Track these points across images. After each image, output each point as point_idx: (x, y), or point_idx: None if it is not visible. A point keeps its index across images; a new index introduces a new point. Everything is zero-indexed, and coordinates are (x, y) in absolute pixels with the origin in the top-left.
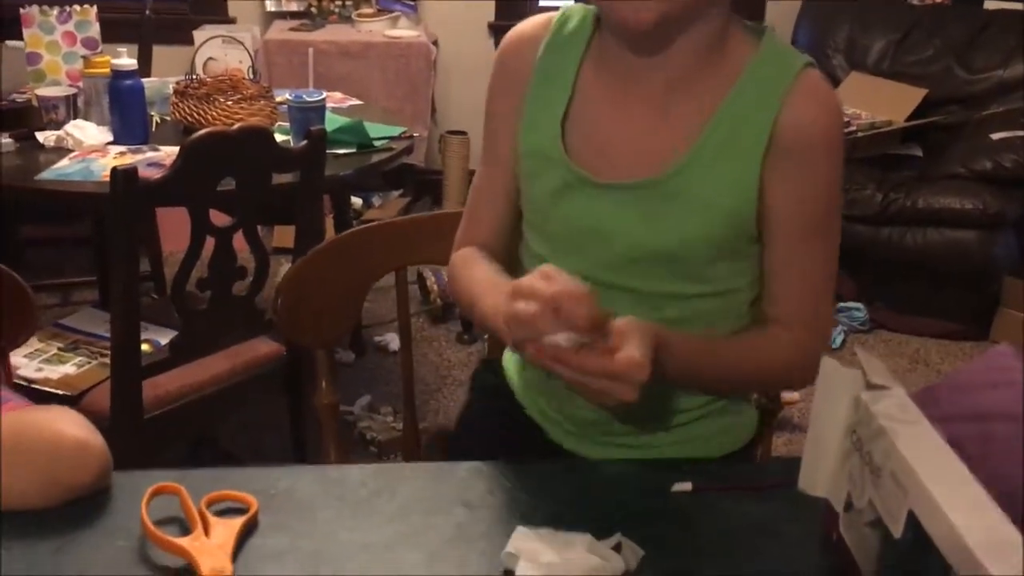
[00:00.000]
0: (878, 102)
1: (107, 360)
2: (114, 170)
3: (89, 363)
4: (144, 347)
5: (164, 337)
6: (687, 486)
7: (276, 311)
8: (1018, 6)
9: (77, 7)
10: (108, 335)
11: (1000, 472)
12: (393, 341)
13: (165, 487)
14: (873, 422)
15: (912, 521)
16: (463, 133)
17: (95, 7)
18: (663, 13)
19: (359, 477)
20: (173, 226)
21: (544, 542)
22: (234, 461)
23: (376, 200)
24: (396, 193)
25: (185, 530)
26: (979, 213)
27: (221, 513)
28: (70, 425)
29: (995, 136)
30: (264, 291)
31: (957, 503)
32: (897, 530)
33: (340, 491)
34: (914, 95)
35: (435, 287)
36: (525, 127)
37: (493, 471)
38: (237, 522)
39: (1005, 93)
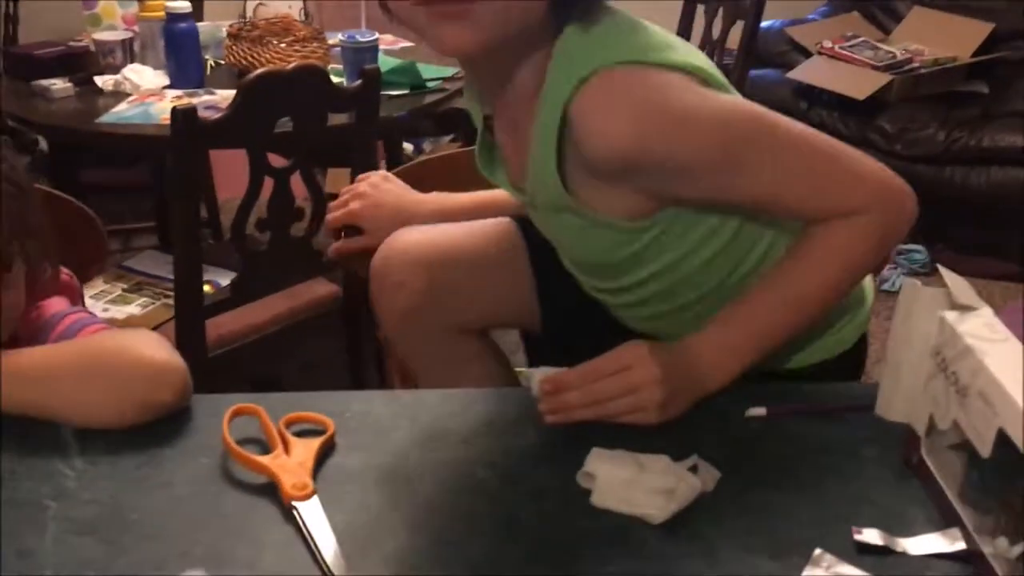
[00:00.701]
0: (942, 38)
1: (170, 301)
2: (174, 110)
3: (153, 303)
4: (206, 288)
5: (225, 278)
6: (761, 411)
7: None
8: None
9: None
10: (170, 276)
11: None
12: None
13: (245, 408)
14: (959, 342)
15: (1000, 441)
16: None
17: None
18: (479, 42)
19: (430, 400)
20: (227, 173)
21: (620, 462)
22: None
23: (427, 146)
24: (447, 138)
25: (265, 450)
26: None
27: (299, 434)
28: (150, 346)
29: None
30: (321, 232)
31: None
32: (986, 450)
33: (412, 413)
34: (980, 30)
35: None
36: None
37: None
38: (315, 442)
39: None
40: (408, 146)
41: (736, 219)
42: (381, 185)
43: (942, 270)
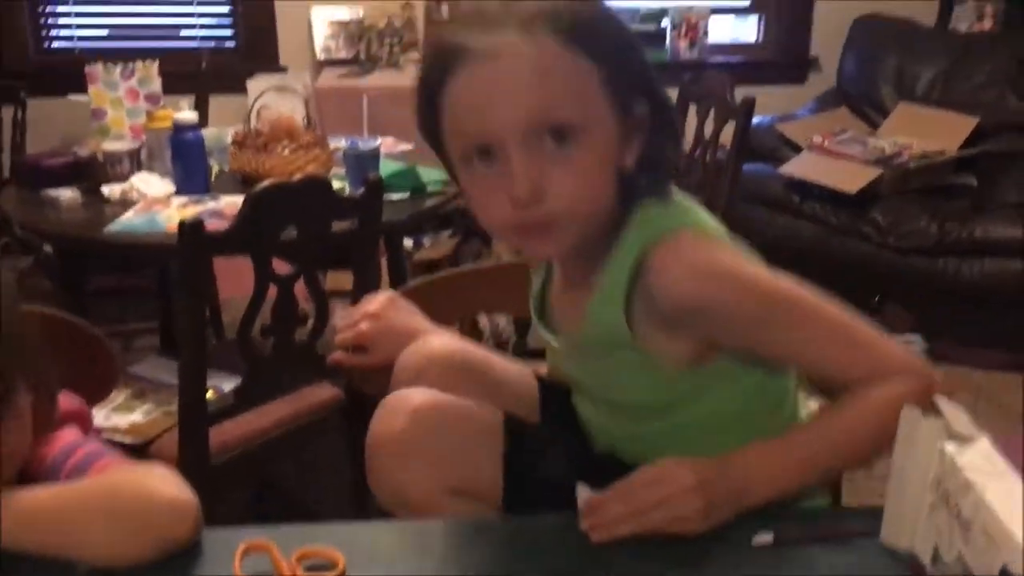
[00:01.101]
0: (929, 132)
1: (173, 408)
2: (182, 223)
3: (156, 410)
4: (208, 394)
5: (227, 383)
6: (768, 538)
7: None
8: None
9: (140, 63)
10: (173, 382)
11: None
12: None
13: (256, 544)
14: (960, 475)
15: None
16: None
17: (156, 63)
18: (567, 247)
19: (440, 530)
20: (229, 271)
21: None
22: (298, 505)
23: (426, 241)
24: (446, 233)
25: None
26: None
27: (309, 569)
28: (164, 482)
29: None
30: (324, 336)
31: None
32: None
33: (421, 544)
34: (965, 124)
35: (486, 328)
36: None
37: (575, 522)
38: None
39: None
40: (408, 241)
41: (778, 380)
42: (390, 309)
43: (939, 399)
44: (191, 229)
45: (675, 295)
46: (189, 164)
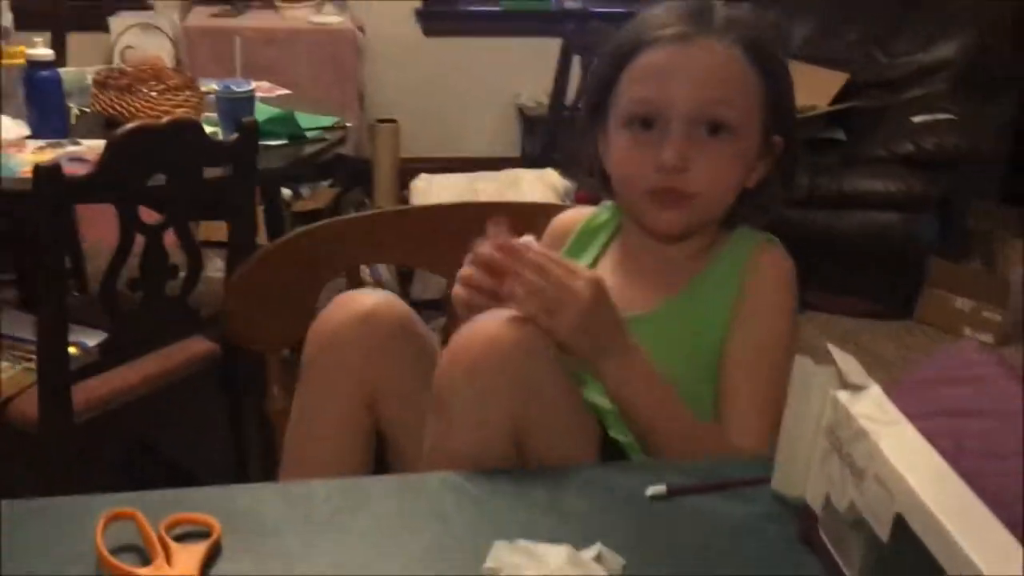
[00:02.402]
0: (801, 87)
1: (31, 365)
2: (37, 168)
3: (14, 368)
4: (71, 350)
5: (91, 338)
6: (661, 489)
7: (226, 313)
8: None
9: None
10: (33, 338)
11: (972, 470)
12: None
13: (120, 513)
14: (853, 423)
15: (898, 524)
16: (393, 121)
17: None
18: (687, 225)
19: (324, 493)
20: (93, 215)
21: (524, 555)
22: (176, 467)
23: (305, 191)
24: (326, 183)
25: (145, 559)
26: (902, 195)
27: (181, 538)
28: None
29: (916, 119)
30: (197, 288)
31: (947, 505)
32: (884, 533)
33: (306, 509)
34: (836, 79)
35: (368, 279)
36: None
37: (463, 482)
38: (200, 547)
39: (924, 77)
40: (286, 191)
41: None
42: None
43: (832, 348)
44: (48, 175)
45: (771, 279)
46: (45, 105)
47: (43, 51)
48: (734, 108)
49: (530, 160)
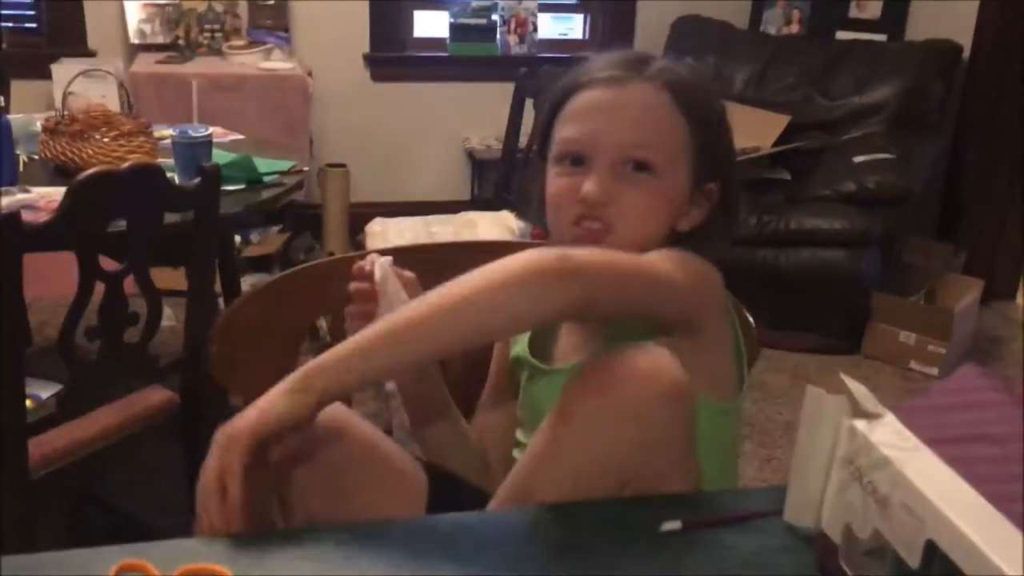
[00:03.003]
0: (745, 129)
1: None
2: None
3: None
4: (26, 403)
5: (44, 391)
6: (676, 524)
7: (209, 360)
8: (866, 36)
9: None
10: None
11: (984, 493)
12: None
13: (131, 565)
14: (873, 452)
15: (927, 550)
16: (342, 166)
17: None
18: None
19: (334, 539)
20: (34, 269)
21: None
22: (126, 518)
23: (254, 236)
24: (275, 228)
25: None
26: (846, 232)
27: None
28: None
29: (856, 159)
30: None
31: (978, 528)
32: (915, 559)
33: (317, 555)
34: (778, 122)
35: (324, 329)
36: (512, 343)
37: (475, 522)
38: None
39: (862, 118)
40: (237, 237)
41: None
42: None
43: (844, 378)
44: (7, 221)
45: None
46: None
47: None
48: (657, 150)
49: (480, 203)
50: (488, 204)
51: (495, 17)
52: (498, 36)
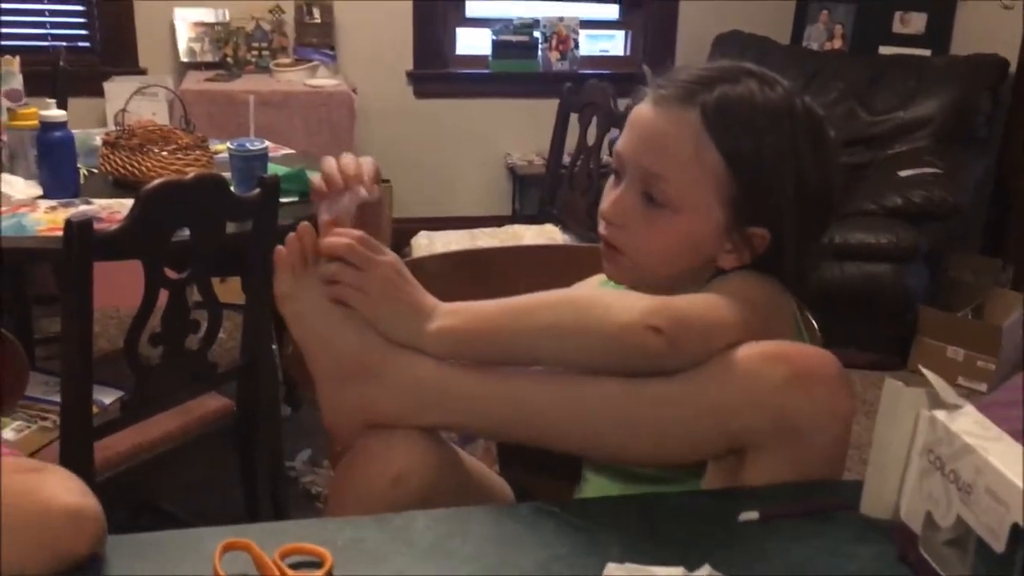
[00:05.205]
0: None
1: (48, 423)
2: (69, 222)
3: (29, 427)
4: None
5: (106, 396)
6: (754, 515)
7: (286, 358)
8: (910, 51)
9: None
10: (46, 397)
11: None
12: None
13: (234, 543)
14: (956, 441)
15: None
16: (386, 181)
17: (18, 58)
18: (628, 281)
19: (423, 522)
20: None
21: None
22: (179, 524)
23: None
24: None
25: None
26: (893, 247)
27: (294, 568)
28: (61, 489)
29: (902, 173)
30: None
31: None
32: (1000, 545)
33: (407, 536)
34: None
35: None
36: None
37: (558, 510)
38: (316, 575)
39: (907, 133)
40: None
41: None
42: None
43: (924, 371)
44: (80, 229)
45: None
46: (58, 165)
47: (56, 112)
48: (675, 186)
49: (521, 218)
50: (530, 219)
51: (537, 34)
52: (539, 53)
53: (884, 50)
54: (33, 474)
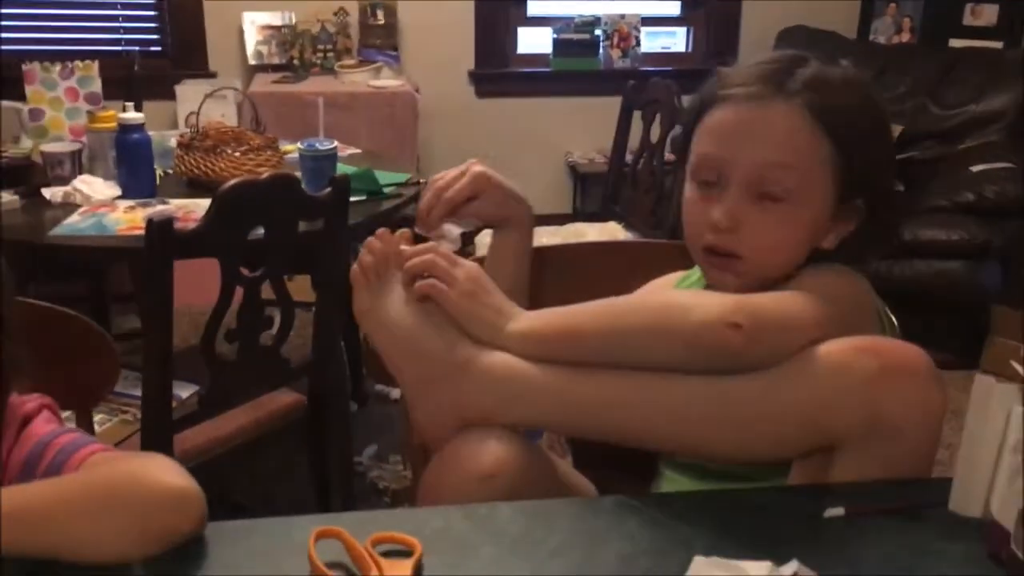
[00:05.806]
0: None
1: (128, 416)
2: (150, 222)
3: (110, 420)
4: None
5: (183, 391)
6: (840, 511)
7: (366, 354)
8: (981, 43)
9: (79, 63)
10: (126, 391)
11: None
12: (394, 390)
13: (327, 531)
14: None
15: None
16: None
17: (97, 63)
18: (742, 288)
19: (508, 513)
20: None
21: (724, 569)
22: (248, 515)
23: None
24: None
25: (352, 575)
26: (965, 243)
27: (384, 556)
28: (164, 471)
29: (975, 168)
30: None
31: None
32: None
33: (494, 527)
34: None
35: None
36: None
37: (640, 505)
38: (407, 563)
39: (979, 127)
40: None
41: None
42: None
43: (1015, 365)
44: (161, 228)
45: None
46: (136, 166)
47: (135, 115)
48: (794, 175)
49: (583, 216)
50: (591, 217)
51: (598, 32)
52: (600, 51)
53: (954, 43)
54: (136, 460)
